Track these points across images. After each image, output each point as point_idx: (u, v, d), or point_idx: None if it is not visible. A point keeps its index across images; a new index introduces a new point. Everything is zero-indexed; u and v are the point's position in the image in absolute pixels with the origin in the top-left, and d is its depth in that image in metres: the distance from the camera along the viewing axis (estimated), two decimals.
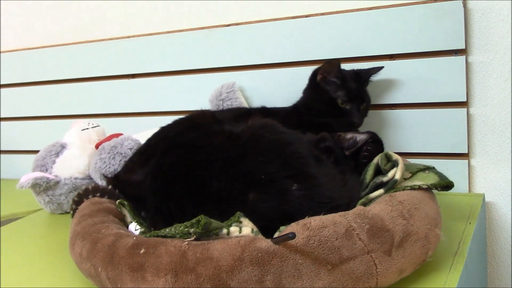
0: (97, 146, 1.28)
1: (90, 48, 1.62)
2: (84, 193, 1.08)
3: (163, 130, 1.16)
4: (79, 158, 1.32)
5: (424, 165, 0.93)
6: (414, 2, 1.18)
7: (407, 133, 1.24)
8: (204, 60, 1.46)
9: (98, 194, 1.06)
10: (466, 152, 1.20)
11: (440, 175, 0.90)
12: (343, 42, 1.27)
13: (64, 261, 0.97)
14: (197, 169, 0.85)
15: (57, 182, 1.30)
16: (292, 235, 0.62)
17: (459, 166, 1.20)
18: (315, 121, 1.13)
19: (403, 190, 0.84)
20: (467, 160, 1.20)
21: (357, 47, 1.26)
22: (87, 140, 1.35)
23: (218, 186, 0.81)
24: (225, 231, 0.71)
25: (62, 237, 1.15)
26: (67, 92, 1.68)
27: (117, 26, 1.59)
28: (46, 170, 1.32)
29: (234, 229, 0.72)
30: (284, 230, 0.72)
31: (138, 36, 1.55)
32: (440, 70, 1.18)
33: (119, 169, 1.19)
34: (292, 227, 0.71)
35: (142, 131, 1.36)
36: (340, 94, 1.14)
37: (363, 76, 1.19)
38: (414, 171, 0.91)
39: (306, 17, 1.31)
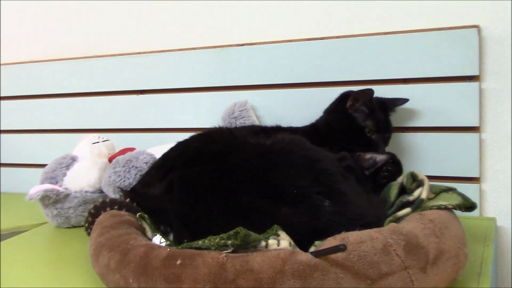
0: (110, 160, 1.27)
1: (100, 63, 1.62)
2: (102, 205, 1.07)
3: (181, 145, 1.16)
4: (90, 171, 1.31)
5: (446, 186, 0.94)
6: (429, 29, 1.22)
7: (419, 156, 1.26)
8: (215, 78, 1.47)
9: (116, 207, 1.05)
10: (478, 176, 1.22)
11: (463, 196, 0.91)
12: (357, 65, 1.30)
13: (74, 275, 0.96)
14: (226, 181, 0.85)
15: (67, 195, 1.28)
16: (344, 247, 0.62)
17: (471, 190, 1.22)
18: (336, 143, 1.14)
19: (430, 209, 0.86)
20: (478, 184, 1.22)
21: (371, 71, 1.28)
22: (97, 154, 1.34)
23: (249, 198, 0.81)
24: (263, 243, 0.71)
25: (69, 251, 1.15)
26: (74, 106, 1.67)
27: (128, 41, 1.60)
28: (56, 182, 1.30)
29: (272, 242, 0.71)
30: (321, 245, 0.72)
31: (149, 52, 1.56)
32: (453, 96, 1.21)
33: (134, 183, 1.18)
34: (330, 242, 0.71)
35: (153, 147, 1.36)
36: (369, 124, 1.16)
37: (389, 106, 1.21)
38: (437, 191, 0.93)
39: (321, 39, 1.33)
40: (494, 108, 1.20)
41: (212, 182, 0.85)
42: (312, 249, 0.74)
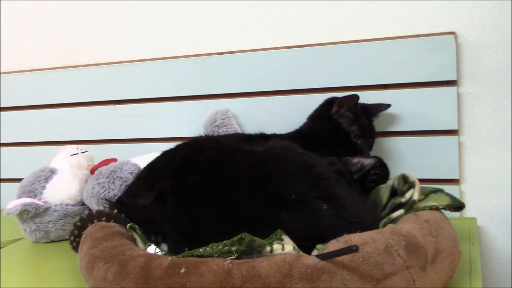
0: (92, 171, 1.24)
1: (74, 74, 1.59)
2: (88, 217, 1.04)
3: (167, 154, 1.14)
4: (70, 183, 1.28)
5: (434, 188, 0.96)
6: (408, 35, 1.25)
7: (401, 159, 1.29)
8: (195, 87, 1.46)
9: (104, 219, 1.02)
10: (458, 178, 1.25)
11: (451, 196, 0.94)
12: (338, 72, 1.32)
13: None
14: (224, 189, 0.85)
15: (47, 209, 1.25)
16: (356, 248, 0.63)
17: (451, 191, 1.22)
18: (322, 149, 1.14)
19: (422, 210, 0.87)
20: (458, 186, 1.26)
21: (352, 77, 1.31)
22: (77, 166, 1.31)
23: (248, 205, 0.81)
24: (268, 248, 0.71)
25: (50, 267, 1.12)
26: (49, 118, 1.63)
27: (103, 51, 1.58)
28: (35, 196, 1.26)
29: (277, 247, 0.71)
30: (324, 248, 0.73)
31: (126, 62, 1.54)
32: (432, 100, 1.24)
33: (119, 194, 1.16)
34: (334, 244, 0.72)
35: (134, 157, 1.34)
36: (354, 130, 1.18)
37: (372, 112, 1.23)
38: (426, 193, 0.95)
39: (302, 47, 1.35)
40: (471, 111, 1.24)
41: (210, 191, 0.85)
42: (315, 252, 0.74)
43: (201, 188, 0.87)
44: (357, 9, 1.29)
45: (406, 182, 0.94)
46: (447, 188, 1.23)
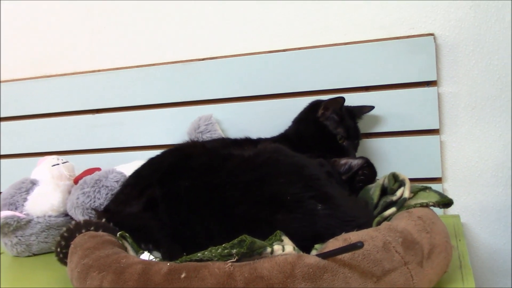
0: (76, 181, 1.22)
1: (53, 83, 1.55)
2: (76, 227, 1.01)
3: (153, 161, 1.13)
4: (52, 194, 1.25)
5: (422, 185, 0.98)
6: (388, 38, 1.27)
7: (385, 160, 1.30)
8: (177, 94, 1.45)
9: (92, 228, 1.00)
10: (440, 176, 1.28)
11: (439, 193, 0.95)
12: (320, 75, 1.33)
13: None
14: (218, 193, 0.84)
15: (29, 221, 1.22)
16: (361, 244, 0.63)
17: None
18: (308, 151, 1.15)
19: (414, 207, 0.89)
20: (441, 184, 1.28)
21: (334, 80, 1.32)
22: (58, 176, 1.29)
23: (245, 208, 0.81)
24: (269, 250, 0.71)
25: (34, 280, 1.11)
26: (27, 128, 1.59)
27: (81, 60, 1.55)
28: (16, 208, 1.23)
29: (277, 248, 0.71)
30: (324, 247, 0.73)
31: (104, 70, 1.52)
32: (413, 101, 1.26)
33: (105, 203, 1.14)
34: (333, 243, 0.72)
35: (117, 166, 1.32)
36: (340, 131, 1.19)
37: (356, 114, 1.25)
38: (415, 190, 0.96)
39: (283, 51, 1.36)
40: (451, 111, 1.26)
41: (204, 196, 0.84)
42: (314, 252, 0.74)
43: (195, 194, 0.86)
44: (338, 13, 1.31)
45: (396, 180, 0.96)
46: (431, 186, 1.27)
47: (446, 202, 0.93)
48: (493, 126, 1.24)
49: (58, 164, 1.31)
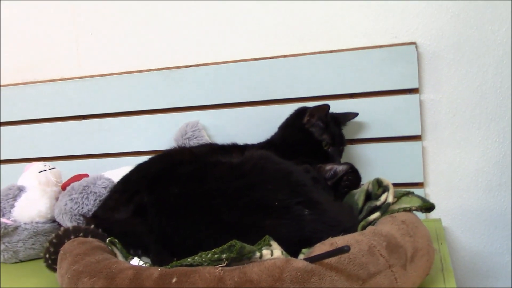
0: (64, 187, 1.22)
1: (38, 89, 1.56)
2: (64, 234, 1.02)
3: (141, 168, 1.14)
4: (39, 201, 1.25)
5: (405, 190, 1.01)
6: (371, 46, 1.30)
7: (368, 165, 1.33)
8: (164, 100, 1.47)
9: (81, 234, 1.01)
10: (422, 181, 1.31)
11: (422, 198, 0.98)
12: (305, 83, 1.35)
13: None
14: (207, 199, 0.86)
15: (16, 228, 1.22)
16: (348, 248, 0.66)
17: None
18: (293, 158, 1.17)
19: (397, 212, 0.91)
20: (423, 189, 1.31)
21: (318, 87, 1.35)
22: (45, 183, 1.29)
23: (233, 214, 0.83)
24: (258, 254, 0.73)
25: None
26: (12, 134, 1.58)
27: (67, 66, 1.56)
28: (3, 215, 1.23)
29: (266, 252, 0.73)
30: (311, 251, 0.75)
31: (91, 76, 1.53)
32: (396, 108, 1.30)
33: (93, 209, 1.14)
34: (320, 248, 0.74)
35: (104, 172, 1.33)
36: (326, 138, 1.21)
37: (341, 120, 1.28)
38: (398, 195, 0.99)
39: (269, 59, 1.38)
40: (433, 117, 1.30)
41: (194, 202, 0.86)
42: (301, 256, 0.76)
43: (184, 200, 0.88)
44: (323, 22, 1.34)
45: (380, 186, 0.98)
46: (413, 191, 1.30)
47: (428, 207, 0.96)
48: (473, 133, 1.28)
49: (45, 170, 1.31)
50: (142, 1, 1.47)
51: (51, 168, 1.34)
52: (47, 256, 1.04)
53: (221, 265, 0.72)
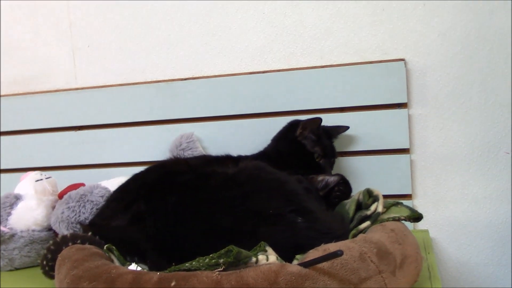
0: (60, 196, 1.24)
1: (35, 100, 1.58)
2: (62, 241, 1.04)
3: (138, 177, 1.17)
4: (36, 209, 1.27)
5: (394, 201, 1.05)
6: (362, 62, 1.35)
7: (358, 177, 1.37)
8: (159, 112, 1.50)
9: (78, 241, 1.03)
10: (410, 193, 1.35)
11: (410, 208, 1.02)
12: (297, 97, 1.39)
13: None
14: (204, 208, 0.89)
15: (12, 236, 1.24)
16: (341, 252, 0.69)
17: None
18: (286, 169, 1.20)
19: (387, 221, 0.95)
20: (411, 201, 1.35)
21: (310, 101, 1.39)
22: (42, 191, 1.31)
23: (229, 222, 0.86)
24: (254, 259, 0.76)
25: None
26: (9, 144, 1.60)
27: (64, 78, 1.59)
28: (0, 223, 1.24)
29: (262, 257, 0.76)
30: (305, 257, 0.78)
31: (88, 88, 1.56)
32: (385, 122, 1.34)
33: (90, 217, 1.16)
34: (313, 253, 0.78)
35: (101, 181, 1.35)
36: (317, 150, 1.25)
37: (333, 133, 1.32)
38: (387, 205, 1.03)
39: (263, 73, 1.42)
40: (421, 131, 1.35)
41: (191, 211, 0.89)
42: (295, 262, 0.79)
43: (181, 208, 0.91)
44: (316, 39, 1.38)
45: (370, 196, 1.02)
46: (402, 201, 1.34)
47: (416, 217, 1.00)
48: (459, 146, 1.33)
49: (41, 179, 1.33)
50: (139, 15, 1.51)
51: (47, 177, 1.36)
52: (45, 262, 1.06)
53: (218, 269, 0.75)
